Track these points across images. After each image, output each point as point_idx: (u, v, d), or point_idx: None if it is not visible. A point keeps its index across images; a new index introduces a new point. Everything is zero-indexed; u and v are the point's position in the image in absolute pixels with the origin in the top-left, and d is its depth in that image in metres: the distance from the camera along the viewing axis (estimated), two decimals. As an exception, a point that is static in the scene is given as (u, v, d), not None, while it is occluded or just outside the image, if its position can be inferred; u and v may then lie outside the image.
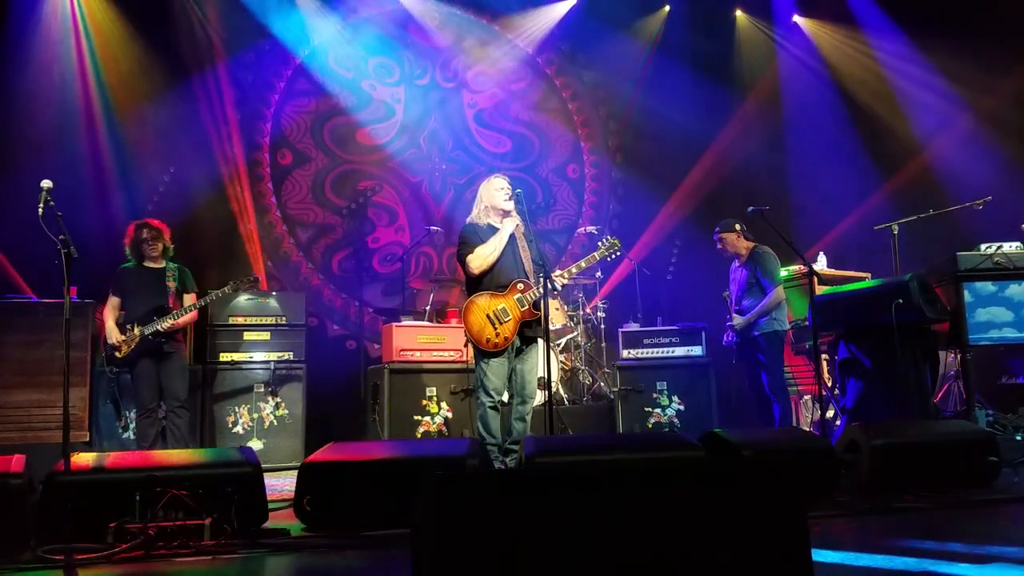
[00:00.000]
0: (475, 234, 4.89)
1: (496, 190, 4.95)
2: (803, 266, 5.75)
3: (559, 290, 5.14)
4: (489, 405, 4.73)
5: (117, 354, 5.49)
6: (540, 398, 5.51)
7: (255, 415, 6.43)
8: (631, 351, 6.92)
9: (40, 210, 3.76)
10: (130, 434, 6.06)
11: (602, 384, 7.42)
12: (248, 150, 7.96)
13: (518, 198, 4.91)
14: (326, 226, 8.29)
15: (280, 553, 3.23)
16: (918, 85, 8.19)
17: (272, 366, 6.50)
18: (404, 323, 6.71)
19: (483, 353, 4.75)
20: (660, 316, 7.46)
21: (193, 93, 7.64)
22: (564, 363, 7.27)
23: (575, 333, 7.40)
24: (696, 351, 6.79)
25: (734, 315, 6.11)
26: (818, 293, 5.99)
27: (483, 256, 4.80)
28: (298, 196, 8.25)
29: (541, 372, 5.08)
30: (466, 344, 4.95)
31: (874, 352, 5.36)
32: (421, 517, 1.75)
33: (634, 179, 9.40)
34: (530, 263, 4.92)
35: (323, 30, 8.25)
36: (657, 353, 6.87)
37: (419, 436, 6.26)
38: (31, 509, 3.27)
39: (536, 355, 4.95)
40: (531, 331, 4.85)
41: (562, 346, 7.33)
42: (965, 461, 4.22)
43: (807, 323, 6.13)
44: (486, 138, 9.05)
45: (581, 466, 3.60)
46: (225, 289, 5.86)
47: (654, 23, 9.37)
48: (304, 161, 8.27)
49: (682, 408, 6.67)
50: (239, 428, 6.38)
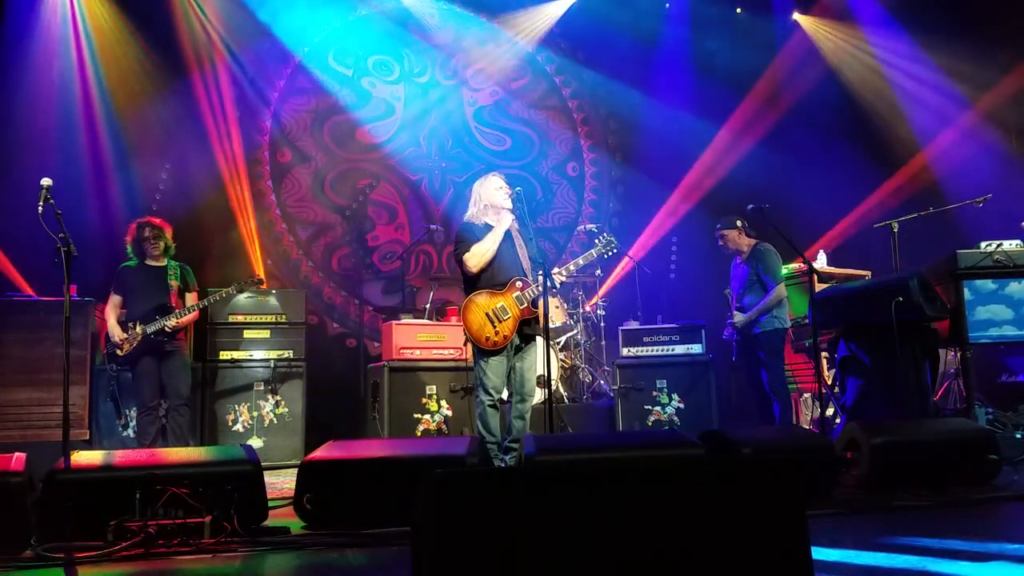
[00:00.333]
0: (472, 233, 4.88)
1: (496, 189, 4.94)
2: (803, 264, 5.75)
3: (557, 288, 5.13)
4: (488, 404, 4.72)
5: (119, 352, 5.51)
6: (540, 396, 5.51)
7: (255, 413, 6.43)
8: (631, 349, 6.91)
9: (40, 208, 3.76)
10: (130, 432, 6.07)
11: (602, 382, 7.43)
12: (248, 148, 7.95)
13: (518, 196, 4.90)
14: (326, 224, 8.29)
15: (280, 551, 3.24)
16: (918, 83, 8.19)
17: (272, 364, 6.50)
18: (404, 321, 6.71)
19: (482, 352, 4.74)
20: (660, 314, 7.45)
21: (193, 91, 7.64)
22: (564, 361, 7.27)
23: (575, 331, 7.40)
24: (696, 349, 6.78)
25: (735, 312, 6.11)
26: (818, 291, 6.00)
27: (480, 254, 4.79)
28: (298, 194, 8.25)
29: (540, 370, 5.08)
30: (466, 343, 4.95)
31: (874, 350, 5.36)
32: (421, 515, 1.75)
33: (634, 177, 9.40)
34: (527, 261, 4.91)
35: (323, 28, 8.24)
36: (657, 351, 6.86)
37: (419, 434, 6.26)
38: (31, 507, 3.28)
39: (535, 353, 4.95)
40: (530, 329, 4.85)
41: (562, 344, 7.33)
42: (965, 459, 4.22)
43: (807, 321, 6.13)
44: (486, 136, 9.05)
45: (581, 464, 3.60)
46: (230, 290, 5.91)
47: (654, 21, 9.36)
48: (304, 159, 8.27)
49: (682, 406, 6.67)
50: (239, 426, 6.38)
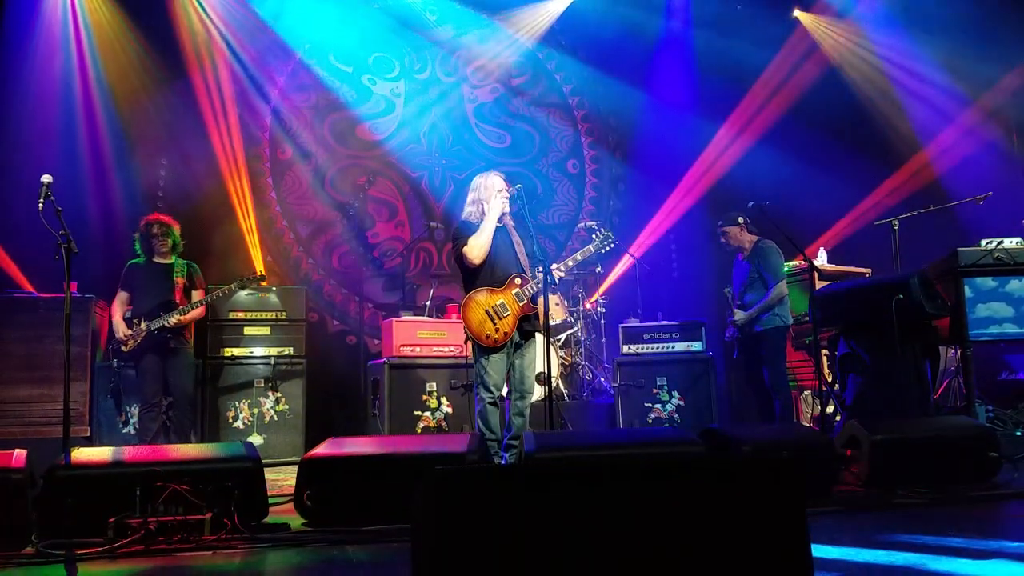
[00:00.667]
0: (469, 229, 4.86)
1: (496, 191, 4.89)
2: (803, 262, 5.75)
3: (556, 284, 5.13)
4: (488, 401, 4.72)
5: (123, 348, 5.53)
6: (539, 393, 5.51)
7: (255, 410, 6.43)
8: (631, 346, 6.90)
9: (40, 205, 3.76)
10: (131, 429, 6.08)
11: (602, 380, 7.43)
12: (248, 145, 7.94)
13: (518, 194, 4.89)
14: (326, 221, 8.29)
15: (280, 548, 3.24)
16: (919, 80, 8.18)
17: (272, 361, 6.50)
18: (404, 318, 6.71)
19: (482, 349, 4.74)
20: (660, 311, 7.45)
21: (193, 88, 7.62)
22: (564, 358, 7.27)
23: (575, 328, 7.40)
24: (696, 346, 6.77)
25: (735, 310, 6.10)
26: (818, 288, 6.00)
27: (479, 244, 4.77)
28: (298, 191, 8.24)
29: (540, 367, 5.08)
30: (466, 340, 4.95)
31: (874, 348, 5.36)
32: (421, 512, 1.76)
33: (635, 174, 9.39)
34: (525, 257, 4.91)
35: (323, 25, 8.23)
36: (657, 348, 6.86)
37: (419, 431, 6.26)
38: (32, 504, 3.28)
39: (534, 350, 4.95)
40: (529, 325, 4.85)
41: (562, 341, 7.33)
42: (965, 457, 4.22)
43: (807, 318, 6.13)
44: (486, 133, 9.04)
45: (580, 462, 3.60)
46: (232, 286, 5.96)
47: (655, 18, 9.35)
48: (304, 156, 8.26)
49: (682, 404, 6.67)
50: (239, 423, 6.39)
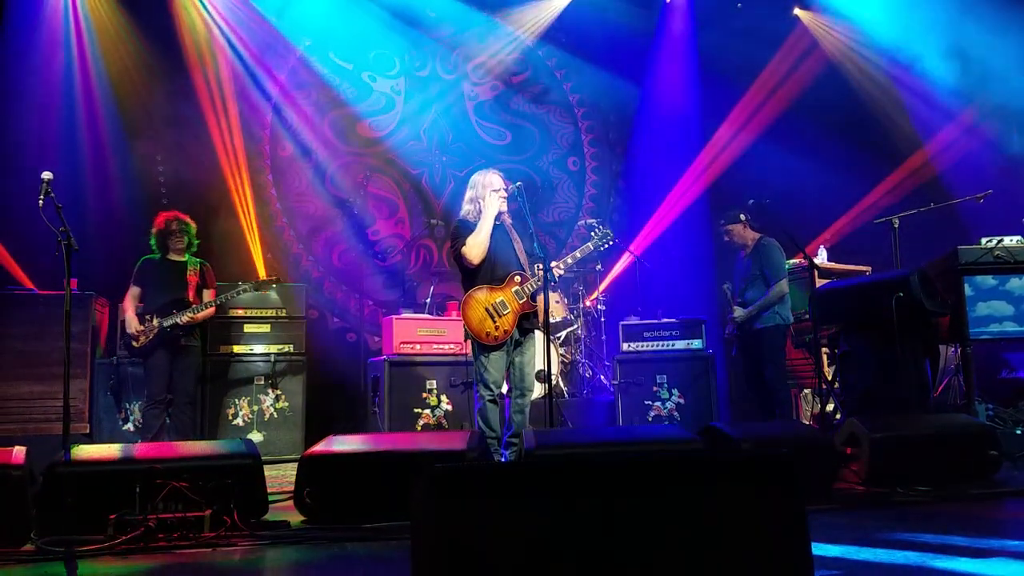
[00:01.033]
0: (467, 228, 4.85)
1: (493, 190, 4.88)
2: (804, 260, 5.75)
3: (556, 281, 5.13)
4: (488, 399, 4.72)
5: (134, 344, 5.54)
6: (539, 391, 5.51)
7: (255, 407, 6.43)
8: (631, 344, 6.90)
9: (40, 202, 3.76)
10: (130, 426, 6.08)
11: (602, 377, 7.43)
12: (248, 142, 7.94)
13: (518, 191, 4.88)
14: (326, 218, 8.28)
15: (280, 545, 3.24)
16: (919, 78, 8.16)
17: (272, 358, 6.51)
18: (404, 316, 6.71)
19: (482, 347, 4.74)
20: (660, 309, 7.44)
21: (194, 85, 7.62)
22: (564, 356, 7.27)
23: (575, 326, 7.39)
24: (696, 344, 6.76)
25: (735, 307, 6.10)
26: (818, 286, 6.00)
27: (477, 243, 4.76)
28: (298, 188, 8.24)
29: (540, 365, 5.07)
30: (466, 339, 4.96)
31: (874, 346, 5.36)
32: (421, 510, 1.75)
33: (635, 172, 9.39)
34: (524, 255, 4.90)
35: (324, 22, 8.22)
36: (657, 346, 6.85)
37: (419, 429, 6.26)
38: (32, 500, 3.28)
39: (534, 347, 4.95)
40: (529, 323, 4.85)
41: (562, 339, 7.33)
42: (965, 455, 4.23)
43: (807, 316, 6.13)
44: (487, 130, 9.03)
45: (580, 459, 3.60)
46: (248, 287, 6.02)
47: (655, 15, 9.35)
48: (304, 153, 8.26)
49: (682, 402, 6.66)
50: (239, 420, 6.39)
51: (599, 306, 7.60)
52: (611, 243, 5.12)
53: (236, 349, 6.51)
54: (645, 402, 6.72)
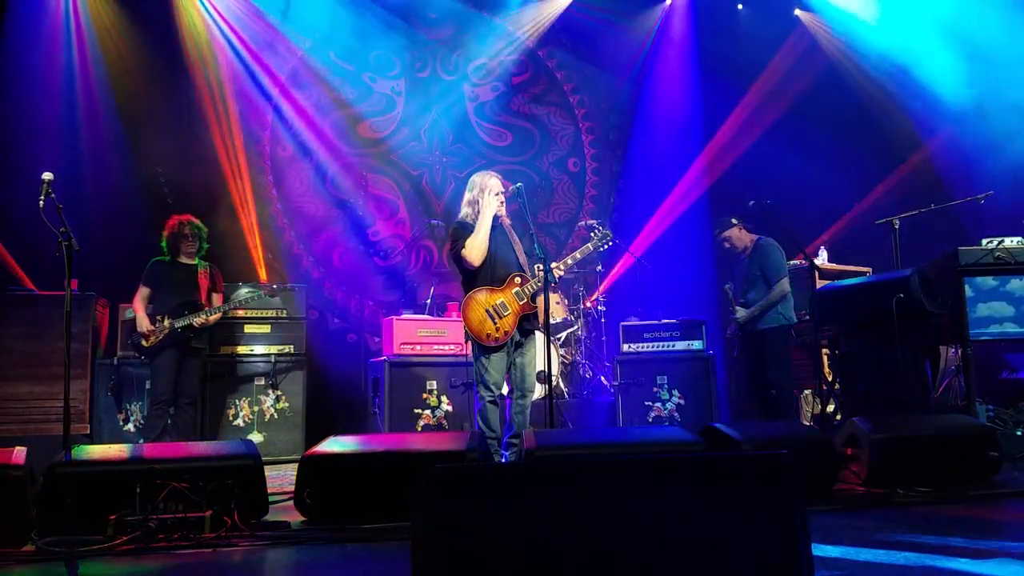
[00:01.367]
0: (466, 230, 4.84)
1: (491, 192, 4.88)
2: (804, 260, 5.75)
3: (556, 282, 5.13)
4: (489, 400, 4.72)
5: (143, 343, 5.55)
6: (539, 391, 5.51)
7: (256, 408, 6.43)
8: (631, 345, 6.89)
9: (41, 203, 3.76)
10: (131, 426, 6.08)
11: (602, 378, 7.43)
12: (249, 142, 7.94)
13: (518, 192, 4.88)
14: (327, 219, 8.28)
15: (280, 546, 3.24)
16: (919, 78, 8.16)
17: (273, 359, 6.51)
18: (404, 316, 6.71)
19: (482, 348, 4.74)
20: (661, 310, 7.44)
21: (195, 85, 7.62)
22: (564, 357, 7.27)
23: (575, 327, 7.39)
24: (697, 345, 6.76)
25: (737, 308, 6.09)
26: (819, 287, 6.00)
27: (475, 245, 4.76)
28: (299, 189, 8.24)
29: (540, 365, 5.07)
30: (467, 340, 4.96)
31: (874, 346, 5.36)
32: (421, 510, 1.75)
33: (635, 172, 9.38)
34: (523, 256, 4.90)
35: (325, 23, 8.22)
36: (658, 347, 6.85)
37: (419, 429, 6.26)
38: (32, 501, 3.28)
39: (534, 348, 4.94)
40: (529, 324, 4.85)
41: (562, 340, 7.33)
42: (965, 456, 4.22)
43: (807, 317, 6.13)
44: (487, 131, 9.03)
45: (580, 459, 3.60)
46: (260, 292, 6.15)
47: (655, 15, 9.35)
48: (305, 153, 8.26)
49: (682, 402, 6.66)
50: (240, 421, 6.39)
51: (599, 307, 7.60)
52: (611, 244, 5.12)
53: (237, 350, 6.51)
54: (645, 403, 6.72)
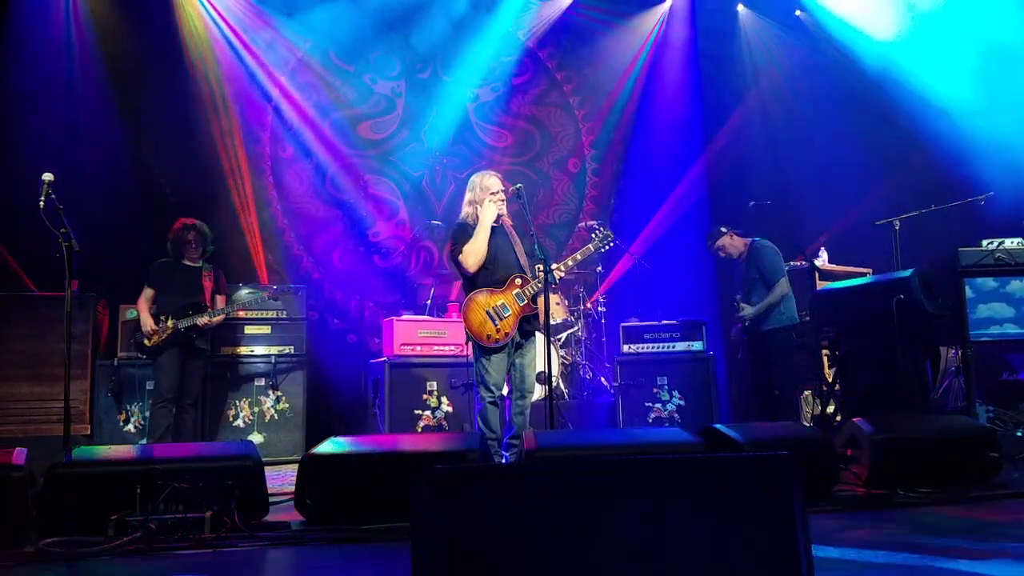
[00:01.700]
0: (466, 233, 4.84)
1: (491, 194, 4.87)
2: (804, 261, 5.75)
3: (556, 283, 5.13)
4: (489, 401, 4.72)
5: (146, 342, 5.56)
6: (540, 392, 5.52)
7: (256, 409, 6.43)
8: (631, 346, 6.89)
9: (41, 203, 3.77)
10: (131, 427, 6.09)
11: (602, 379, 7.42)
12: (249, 143, 7.94)
13: (518, 193, 4.88)
14: (327, 220, 8.28)
15: (281, 546, 3.24)
16: (919, 79, 8.16)
17: (273, 360, 6.51)
18: (405, 317, 6.71)
19: (483, 349, 4.74)
20: (661, 311, 7.44)
21: (195, 85, 7.62)
22: (565, 358, 7.27)
23: (576, 328, 7.39)
24: (697, 346, 6.76)
25: (743, 305, 6.08)
26: (819, 288, 5.99)
27: (473, 251, 4.76)
28: (299, 190, 8.24)
29: (540, 366, 5.07)
30: (467, 341, 4.96)
31: (875, 347, 5.36)
32: (421, 511, 1.75)
33: (635, 173, 9.38)
34: (524, 257, 4.90)
35: (325, 23, 8.22)
36: (658, 348, 6.84)
37: (419, 430, 6.26)
38: (32, 502, 3.28)
39: (534, 349, 4.95)
40: (530, 325, 4.85)
41: (563, 341, 7.33)
42: (966, 457, 4.22)
43: (808, 318, 6.13)
44: (487, 132, 9.03)
45: (580, 460, 3.60)
46: (264, 294, 6.19)
47: (656, 16, 9.36)
48: (305, 154, 8.26)
49: (683, 403, 6.66)
50: (240, 422, 6.39)
51: (599, 308, 7.60)
52: (611, 245, 5.12)
53: (237, 350, 6.51)
54: (645, 404, 6.72)
